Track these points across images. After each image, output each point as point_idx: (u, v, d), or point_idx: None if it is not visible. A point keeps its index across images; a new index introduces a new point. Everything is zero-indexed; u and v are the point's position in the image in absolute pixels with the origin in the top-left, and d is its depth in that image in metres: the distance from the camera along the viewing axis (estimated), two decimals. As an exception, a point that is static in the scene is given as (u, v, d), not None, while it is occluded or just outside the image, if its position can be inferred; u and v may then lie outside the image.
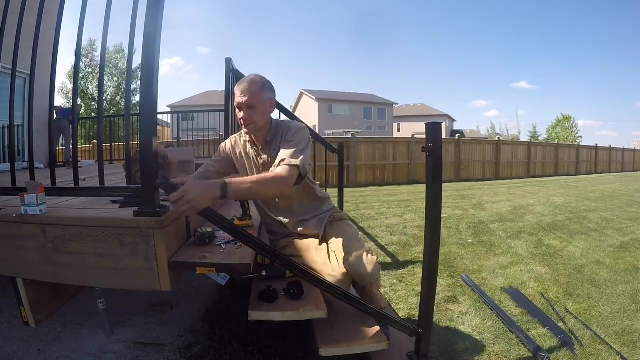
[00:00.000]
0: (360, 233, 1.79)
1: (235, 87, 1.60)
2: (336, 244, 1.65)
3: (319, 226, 1.75)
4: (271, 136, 1.66)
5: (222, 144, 1.81)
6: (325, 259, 1.62)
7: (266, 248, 1.42)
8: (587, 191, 9.24)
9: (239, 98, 1.57)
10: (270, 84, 1.64)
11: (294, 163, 1.47)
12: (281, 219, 1.77)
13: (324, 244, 1.71)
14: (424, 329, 1.55)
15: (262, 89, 1.59)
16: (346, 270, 1.54)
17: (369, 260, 1.57)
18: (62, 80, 21.86)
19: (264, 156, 1.66)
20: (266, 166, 1.65)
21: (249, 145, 1.71)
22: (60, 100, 21.31)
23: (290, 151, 1.50)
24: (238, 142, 1.76)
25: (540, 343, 1.96)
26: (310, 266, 1.58)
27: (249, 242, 1.37)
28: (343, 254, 1.58)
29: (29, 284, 1.41)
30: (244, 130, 1.68)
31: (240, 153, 1.75)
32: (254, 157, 1.70)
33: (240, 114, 1.59)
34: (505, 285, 2.79)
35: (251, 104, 1.56)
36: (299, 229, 1.75)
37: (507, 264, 3.31)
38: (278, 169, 1.47)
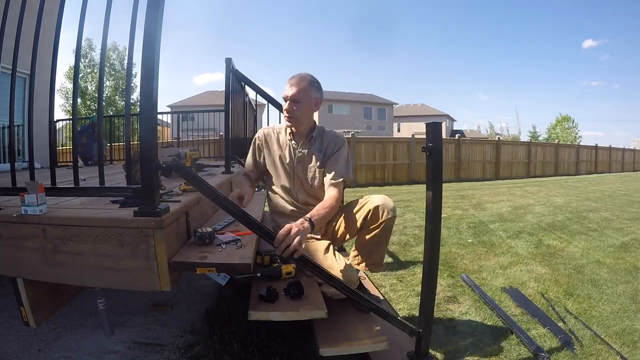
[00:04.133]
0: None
1: (287, 80, 1.75)
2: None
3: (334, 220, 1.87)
4: (315, 135, 1.82)
5: (256, 137, 1.93)
6: (332, 260, 1.63)
7: (273, 236, 1.42)
8: (587, 191, 9.25)
9: (287, 90, 1.72)
10: (320, 84, 1.78)
11: (340, 180, 1.75)
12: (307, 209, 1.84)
13: (331, 247, 1.72)
14: (424, 329, 1.55)
15: (310, 86, 1.73)
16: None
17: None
18: (62, 80, 21.80)
19: (304, 151, 1.82)
20: (302, 160, 1.82)
21: (283, 136, 1.86)
22: (59, 101, 21.29)
23: (343, 169, 1.77)
24: (271, 133, 1.89)
25: (541, 343, 1.96)
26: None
27: (256, 229, 1.38)
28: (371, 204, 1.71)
29: (29, 284, 1.40)
30: (284, 123, 1.82)
31: (272, 141, 1.88)
32: (292, 148, 1.84)
33: (285, 105, 1.73)
34: (505, 285, 2.79)
35: (297, 98, 1.70)
36: None
37: (507, 264, 3.31)
38: (336, 190, 1.72)
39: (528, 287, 2.77)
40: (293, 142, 1.82)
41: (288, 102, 1.72)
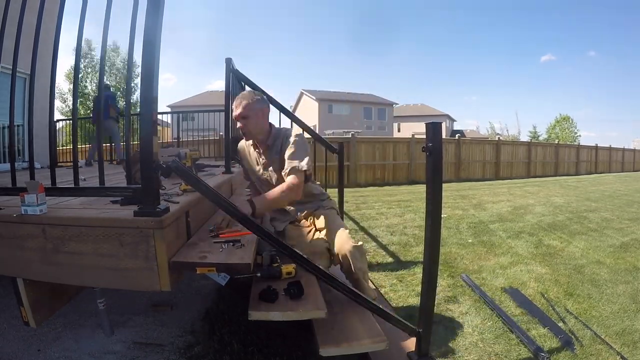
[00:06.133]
0: (343, 222, 2.10)
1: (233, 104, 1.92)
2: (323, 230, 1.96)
3: (313, 209, 2.08)
4: (271, 141, 1.96)
5: (238, 150, 2.21)
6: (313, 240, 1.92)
7: (272, 237, 1.43)
8: (587, 191, 9.24)
9: (234, 112, 1.89)
10: (261, 96, 1.94)
11: (300, 169, 1.81)
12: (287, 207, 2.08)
13: (315, 231, 1.99)
14: (424, 329, 1.55)
15: (251, 101, 1.87)
16: (327, 248, 1.85)
17: (351, 241, 1.81)
18: (59, 82, 21.74)
19: (266, 157, 2.00)
20: (266, 166, 2.00)
21: (252, 148, 2.06)
22: (56, 103, 21.27)
23: (294, 159, 1.83)
24: (244, 146, 2.15)
25: (541, 343, 1.96)
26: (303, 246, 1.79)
27: (256, 230, 1.39)
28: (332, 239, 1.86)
29: (29, 284, 1.41)
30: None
31: (247, 153, 2.13)
32: (257, 157, 2.05)
33: (238, 124, 1.90)
34: (505, 285, 2.79)
35: (244, 115, 1.86)
36: (299, 213, 2.10)
37: (507, 264, 3.31)
38: (289, 178, 1.81)
39: (528, 287, 2.77)
40: (257, 150, 2.03)
41: (238, 121, 1.88)
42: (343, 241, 1.79)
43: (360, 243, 1.82)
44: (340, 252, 1.78)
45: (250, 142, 2.04)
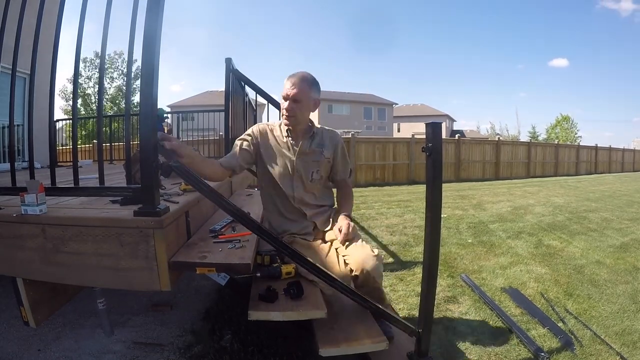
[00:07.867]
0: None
1: (286, 79, 1.74)
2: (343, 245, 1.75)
3: (327, 220, 1.89)
4: (313, 133, 1.83)
5: (252, 131, 1.86)
6: (334, 259, 1.71)
7: (272, 237, 1.43)
8: (587, 191, 9.25)
9: (287, 90, 1.71)
10: (319, 85, 1.79)
11: (350, 175, 1.97)
12: (301, 208, 1.85)
13: (332, 249, 1.77)
14: (424, 329, 1.55)
15: (310, 87, 1.74)
16: (349, 270, 1.63)
17: (376, 256, 1.64)
18: (64, 83, 21.86)
19: (304, 147, 1.80)
20: (302, 155, 1.80)
21: (279, 133, 1.84)
22: (60, 102, 21.50)
23: (348, 164, 1.96)
24: (266, 129, 1.86)
25: (540, 343, 1.96)
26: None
27: (256, 230, 1.39)
28: (352, 254, 1.66)
29: (29, 284, 1.41)
30: (283, 121, 1.81)
31: (268, 138, 1.84)
32: (290, 144, 1.81)
33: (285, 104, 1.73)
34: (505, 285, 2.79)
35: (298, 99, 1.70)
36: (315, 219, 1.87)
37: (507, 264, 3.31)
38: (349, 181, 1.96)
39: (528, 287, 2.77)
40: (290, 139, 1.80)
41: (288, 101, 1.71)
42: (365, 257, 1.60)
43: (379, 252, 1.66)
44: (365, 267, 1.57)
45: (278, 126, 1.84)
